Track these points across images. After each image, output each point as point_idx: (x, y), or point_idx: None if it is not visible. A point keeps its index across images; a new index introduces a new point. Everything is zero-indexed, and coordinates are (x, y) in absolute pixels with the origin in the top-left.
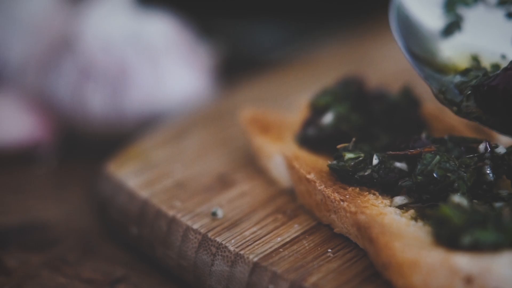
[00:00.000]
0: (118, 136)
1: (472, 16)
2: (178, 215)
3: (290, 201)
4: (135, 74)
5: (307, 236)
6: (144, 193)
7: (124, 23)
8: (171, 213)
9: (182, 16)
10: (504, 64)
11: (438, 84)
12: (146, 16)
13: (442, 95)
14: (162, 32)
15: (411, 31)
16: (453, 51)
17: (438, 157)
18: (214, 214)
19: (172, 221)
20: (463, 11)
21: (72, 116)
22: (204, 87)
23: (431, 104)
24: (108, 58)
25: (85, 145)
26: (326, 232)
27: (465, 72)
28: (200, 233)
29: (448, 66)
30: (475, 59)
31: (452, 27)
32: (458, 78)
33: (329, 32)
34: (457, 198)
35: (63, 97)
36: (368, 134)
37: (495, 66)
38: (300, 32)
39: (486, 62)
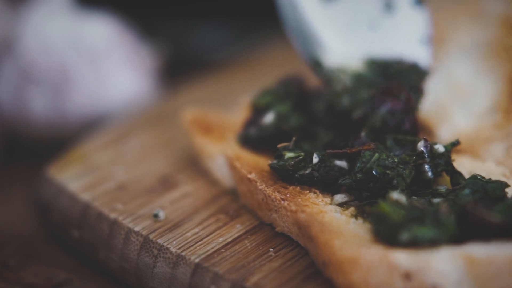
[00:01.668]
0: (60, 139)
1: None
2: (120, 218)
3: (232, 201)
4: (76, 76)
5: (249, 236)
6: (85, 196)
7: (64, 25)
8: (112, 215)
9: (124, 18)
10: None
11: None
12: (87, 17)
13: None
14: (103, 33)
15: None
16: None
17: (377, 154)
18: (156, 216)
19: (114, 223)
20: None
21: (14, 120)
22: (147, 89)
23: None
24: (48, 61)
25: (27, 148)
26: (268, 232)
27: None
28: (141, 235)
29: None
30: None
31: None
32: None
33: (272, 32)
34: (395, 195)
35: (3, 101)
36: (309, 133)
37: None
38: (244, 32)
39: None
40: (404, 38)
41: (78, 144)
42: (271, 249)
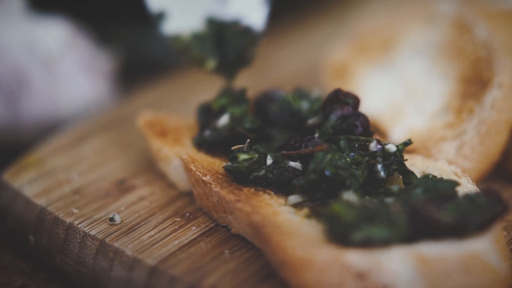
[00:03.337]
0: (15, 144)
1: None
2: (75, 222)
3: (188, 204)
4: (31, 80)
5: (204, 238)
6: (40, 201)
7: (18, 29)
8: (68, 220)
9: (78, 23)
10: None
11: None
12: (41, 22)
13: None
14: (58, 38)
15: None
16: None
17: (329, 155)
18: (111, 219)
19: (70, 228)
20: None
21: None
22: (102, 93)
23: None
24: (2, 65)
25: None
26: (223, 234)
27: None
28: (97, 239)
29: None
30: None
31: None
32: None
33: None
34: (346, 195)
35: None
36: (264, 135)
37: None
38: None
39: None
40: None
41: (34, 149)
42: (226, 251)
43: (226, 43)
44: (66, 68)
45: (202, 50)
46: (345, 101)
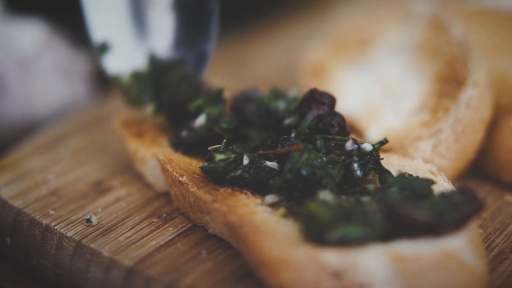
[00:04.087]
0: None
1: None
2: (52, 224)
3: (166, 205)
4: (7, 82)
5: (181, 239)
6: (17, 203)
7: None
8: (45, 222)
9: (55, 24)
10: None
11: None
12: (18, 24)
13: None
14: (35, 39)
15: None
16: None
17: (306, 155)
18: (88, 221)
19: (46, 229)
20: None
21: None
22: (80, 94)
23: None
24: None
25: None
26: (201, 234)
27: None
28: (74, 241)
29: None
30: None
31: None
32: None
33: None
34: (322, 195)
35: None
36: (241, 135)
37: None
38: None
39: None
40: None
41: (10, 151)
42: (203, 251)
43: (165, 86)
44: (42, 69)
45: (141, 92)
46: (321, 100)
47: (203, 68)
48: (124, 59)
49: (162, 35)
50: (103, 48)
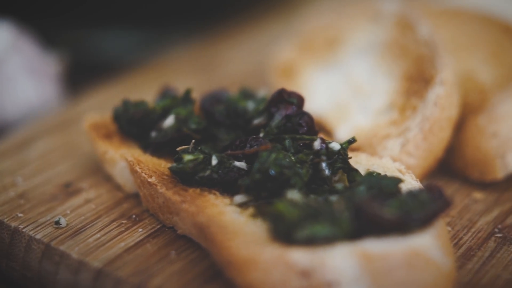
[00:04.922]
0: None
1: None
2: (20, 226)
3: (135, 206)
4: None
5: (151, 240)
6: None
7: None
8: (13, 224)
9: (23, 25)
10: None
11: None
12: None
13: None
14: (2, 41)
15: None
16: None
17: (274, 154)
18: (57, 223)
19: (15, 232)
20: None
21: None
22: (49, 96)
23: None
24: None
25: None
26: (170, 235)
27: None
28: (43, 243)
29: None
30: None
31: None
32: None
33: (180, 35)
34: (290, 194)
35: None
36: (210, 136)
37: None
38: (148, 39)
39: None
40: None
41: None
42: (173, 252)
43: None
44: (10, 71)
45: None
46: (289, 100)
47: None
48: None
49: None
50: None
